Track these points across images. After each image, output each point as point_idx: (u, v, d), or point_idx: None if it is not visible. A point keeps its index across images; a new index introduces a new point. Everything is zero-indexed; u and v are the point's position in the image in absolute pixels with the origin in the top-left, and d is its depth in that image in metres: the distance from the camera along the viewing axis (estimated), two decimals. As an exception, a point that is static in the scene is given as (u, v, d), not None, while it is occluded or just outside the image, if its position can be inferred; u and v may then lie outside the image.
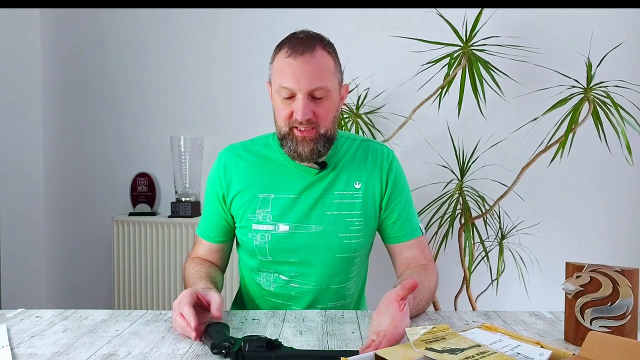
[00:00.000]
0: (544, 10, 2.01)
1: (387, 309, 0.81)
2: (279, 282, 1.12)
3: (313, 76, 0.99)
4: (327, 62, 1.02)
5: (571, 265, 0.83)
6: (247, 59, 2.21)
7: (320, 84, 0.99)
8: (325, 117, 1.03)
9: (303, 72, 0.98)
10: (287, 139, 1.04)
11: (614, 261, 1.37)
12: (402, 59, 2.03)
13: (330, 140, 1.05)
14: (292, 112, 1.01)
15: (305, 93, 0.99)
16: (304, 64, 0.98)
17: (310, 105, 1.00)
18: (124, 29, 2.29)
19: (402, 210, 1.13)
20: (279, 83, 1.01)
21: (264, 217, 1.09)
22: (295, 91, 0.99)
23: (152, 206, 2.26)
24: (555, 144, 1.72)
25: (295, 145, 1.03)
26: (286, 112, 1.02)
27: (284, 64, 1.00)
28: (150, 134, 2.29)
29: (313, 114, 1.01)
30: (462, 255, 1.87)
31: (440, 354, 0.65)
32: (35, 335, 0.86)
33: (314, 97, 1.01)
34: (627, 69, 1.97)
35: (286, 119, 1.02)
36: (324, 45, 1.03)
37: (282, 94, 1.01)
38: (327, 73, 1.02)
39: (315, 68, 0.99)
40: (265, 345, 0.74)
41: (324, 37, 1.06)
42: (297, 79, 0.98)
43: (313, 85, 0.99)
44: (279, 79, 1.01)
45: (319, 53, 1.00)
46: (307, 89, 0.99)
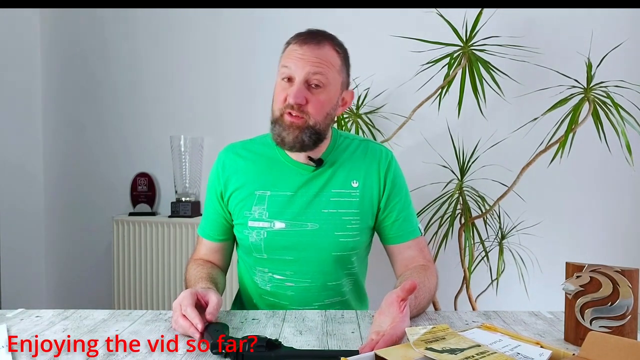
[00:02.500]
0: (544, 10, 2.01)
1: (389, 309, 0.81)
2: (274, 281, 1.12)
3: (314, 63, 1.02)
4: (333, 57, 1.05)
5: (571, 265, 0.83)
6: (248, 59, 2.21)
7: (319, 70, 1.02)
8: (317, 108, 1.04)
9: (305, 58, 1.02)
10: (276, 124, 1.06)
11: (614, 261, 1.37)
12: (402, 59, 2.03)
13: (318, 135, 1.06)
14: (287, 96, 1.03)
15: (302, 77, 1.02)
16: (308, 51, 1.03)
17: (304, 92, 1.02)
18: (124, 29, 2.29)
19: (400, 211, 1.13)
20: (282, 63, 1.05)
21: (260, 214, 1.09)
22: (293, 74, 1.03)
23: (152, 206, 2.26)
24: (555, 144, 1.72)
25: (281, 130, 1.05)
26: (282, 95, 1.05)
27: (290, 49, 1.05)
28: (150, 134, 2.29)
29: (306, 101, 1.02)
30: (462, 255, 1.87)
31: (440, 354, 0.65)
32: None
33: (310, 85, 1.03)
34: (627, 69, 1.96)
35: (281, 102, 1.05)
36: (334, 44, 1.07)
37: (282, 73, 1.05)
38: (330, 66, 1.04)
39: (318, 57, 1.03)
40: (265, 345, 0.74)
41: (338, 39, 1.10)
42: (298, 62, 1.02)
43: (312, 70, 1.02)
44: (283, 60, 1.06)
45: (326, 47, 1.05)
46: (305, 73, 1.02)
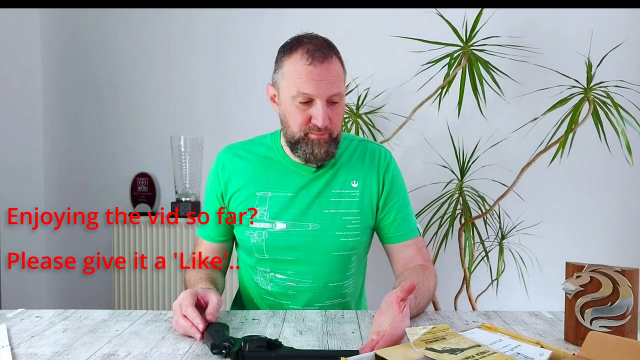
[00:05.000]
0: (544, 10, 2.01)
1: (388, 310, 0.81)
2: (276, 280, 1.12)
3: (332, 83, 1.01)
4: (340, 68, 1.05)
5: (571, 265, 0.83)
6: (248, 59, 2.21)
7: (337, 90, 1.02)
8: (337, 122, 1.06)
9: (323, 79, 1.00)
10: (301, 143, 1.05)
11: (614, 261, 1.37)
12: (402, 59, 2.03)
13: (338, 142, 1.08)
14: (310, 117, 1.02)
15: (324, 99, 1.01)
16: (324, 71, 1.00)
17: (328, 112, 1.02)
18: (124, 29, 2.29)
19: (399, 211, 1.13)
20: (297, 89, 1.00)
21: (261, 215, 1.09)
22: (315, 97, 1.01)
23: (152, 206, 2.26)
24: (555, 144, 1.72)
25: (312, 148, 1.04)
26: (303, 117, 1.03)
27: (302, 70, 1.00)
28: (150, 134, 2.29)
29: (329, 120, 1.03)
30: (462, 255, 1.87)
31: (440, 354, 0.65)
32: (35, 335, 0.86)
33: (330, 103, 1.03)
34: (627, 69, 1.96)
35: (302, 125, 1.03)
36: (336, 52, 1.06)
37: (300, 99, 1.01)
38: (341, 79, 1.05)
39: (333, 75, 1.02)
40: (265, 345, 0.74)
41: (335, 46, 1.08)
42: (318, 85, 1.00)
43: (332, 92, 1.01)
44: (297, 84, 1.00)
45: (334, 60, 1.03)
46: (327, 95, 1.01)
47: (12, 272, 2.17)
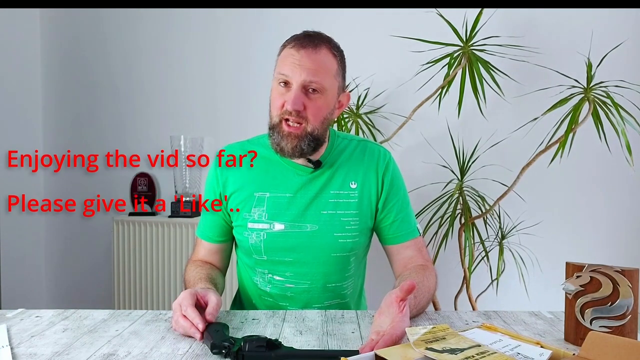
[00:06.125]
0: (544, 10, 2.01)
1: (388, 310, 0.81)
2: (274, 282, 1.12)
3: (311, 70, 1.01)
4: (329, 62, 1.04)
5: (571, 265, 0.83)
6: (248, 59, 2.21)
7: (316, 78, 1.01)
8: (315, 114, 1.03)
9: (302, 64, 1.01)
10: (274, 131, 1.05)
11: (614, 261, 1.37)
12: (402, 59, 2.03)
13: (316, 141, 1.06)
14: (285, 102, 1.02)
15: (299, 84, 1.01)
16: (305, 56, 1.01)
17: (302, 98, 1.02)
18: (124, 29, 2.29)
19: (399, 211, 1.13)
20: (278, 70, 1.04)
21: (259, 215, 1.09)
22: (291, 80, 1.02)
23: (152, 206, 2.26)
24: (555, 144, 1.72)
25: (280, 139, 1.04)
26: (280, 101, 1.04)
27: (287, 53, 1.03)
28: (150, 134, 2.29)
29: (304, 107, 1.02)
30: (462, 255, 1.87)
31: (440, 354, 0.65)
32: (35, 335, 0.86)
33: (307, 90, 1.02)
34: (627, 69, 1.96)
35: (279, 108, 1.04)
36: (330, 47, 1.05)
37: (278, 79, 1.04)
38: (327, 72, 1.03)
39: (315, 63, 1.02)
40: (265, 345, 0.74)
41: (334, 41, 1.08)
42: (295, 69, 1.01)
43: (309, 78, 1.01)
44: (279, 66, 1.04)
45: (323, 52, 1.03)
46: (302, 80, 1.01)
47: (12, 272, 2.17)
